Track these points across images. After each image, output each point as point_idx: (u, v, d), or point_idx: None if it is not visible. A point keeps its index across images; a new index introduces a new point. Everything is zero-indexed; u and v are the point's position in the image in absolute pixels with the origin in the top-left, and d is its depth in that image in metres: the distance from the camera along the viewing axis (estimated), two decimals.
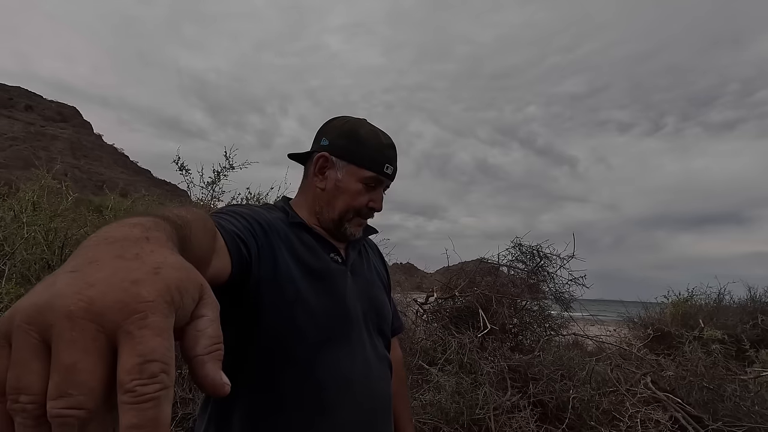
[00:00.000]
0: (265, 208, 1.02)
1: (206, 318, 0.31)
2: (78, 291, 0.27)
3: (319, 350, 0.89)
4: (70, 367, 0.25)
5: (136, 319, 0.26)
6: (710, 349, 3.93)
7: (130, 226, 0.37)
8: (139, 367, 0.25)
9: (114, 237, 0.34)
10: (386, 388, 1.04)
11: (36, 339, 0.26)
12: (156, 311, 0.27)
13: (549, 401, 3.16)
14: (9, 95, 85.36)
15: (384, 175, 1.02)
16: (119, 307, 0.26)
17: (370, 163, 1.01)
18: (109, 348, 0.26)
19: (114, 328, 0.26)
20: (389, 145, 1.04)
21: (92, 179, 68.70)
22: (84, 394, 0.25)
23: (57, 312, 0.26)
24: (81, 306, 0.26)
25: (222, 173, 4.31)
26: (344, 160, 1.01)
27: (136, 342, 0.26)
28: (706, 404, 3.27)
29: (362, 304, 1.02)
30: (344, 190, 1.01)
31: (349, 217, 1.02)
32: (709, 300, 6.44)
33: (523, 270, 4.51)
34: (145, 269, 0.29)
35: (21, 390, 0.25)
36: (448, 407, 2.82)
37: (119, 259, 0.30)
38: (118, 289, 0.27)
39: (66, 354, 0.25)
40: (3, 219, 3.01)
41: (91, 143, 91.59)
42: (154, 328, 0.27)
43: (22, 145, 71.27)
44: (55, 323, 0.25)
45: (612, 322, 6.55)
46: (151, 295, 0.28)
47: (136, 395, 0.25)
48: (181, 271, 0.31)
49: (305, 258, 0.95)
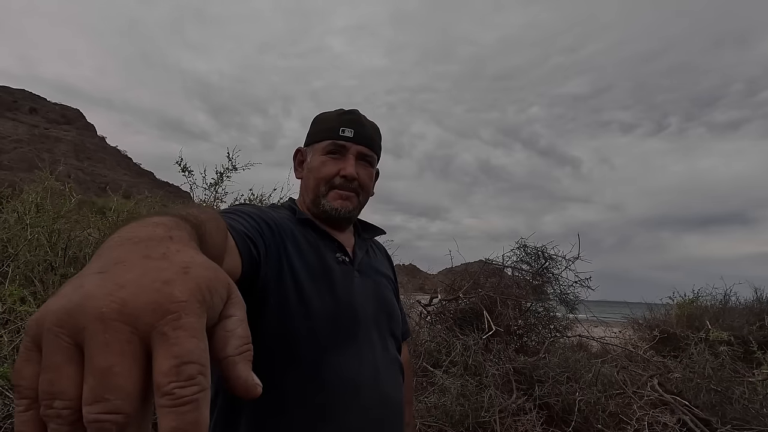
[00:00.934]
0: (272, 208, 1.01)
1: (235, 318, 0.31)
2: (109, 292, 0.26)
3: (324, 352, 0.88)
4: (105, 371, 0.24)
5: (170, 320, 0.26)
6: (717, 350, 3.89)
7: (153, 226, 0.36)
8: (176, 369, 0.24)
9: (139, 237, 0.33)
10: (396, 393, 1.00)
11: (68, 342, 0.25)
12: (189, 312, 0.27)
13: (555, 404, 3.14)
14: (13, 98, 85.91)
15: (342, 138, 1.01)
16: (152, 308, 0.26)
17: (326, 134, 1.03)
18: (143, 350, 0.25)
19: (148, 329, 0.25)
20: (346, 112, 1.05)
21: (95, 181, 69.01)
22: (121, 398, 0.24)
23: (89, 314, 0.25)
24: (113, 308, 0.25)
25: (225, 174, 4.30)
26: (310, 145, 1.06)
27: (171, 343, 0.25)
28: (714, 407, 3.23)
29: (371, 304, 1.00)
30: (312, 168, 1.03)
31: (323, 192, 1.01)
32: (714, 301, 6.38)
33: (528, 271, 4.48)
34: (174, 269, 0.29)
35: (55, 395, 0.24)
36: (453, 410, 2.80)
37: (147, 259, 0.30)
38: (150, 289, 0.27)
39: (100, 357, 0.24)
40: (7, 221, 3.01)
41: (95, 145, 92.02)
42: (189, 329, 0.26)
43: (26, 147, 71.69)
44: (87, 326, 0.25)
45: (616, 323, 6.50)
46: (183, 295, 0.27)
47: (175, 398, 0.24)
48: (210, 270, 0.31)
49: (311, 257, 0.93)
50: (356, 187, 1.02)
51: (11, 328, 2.18)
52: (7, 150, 69.81)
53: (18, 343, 2.12)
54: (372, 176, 1.08)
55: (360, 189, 1.03)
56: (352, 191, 1.02)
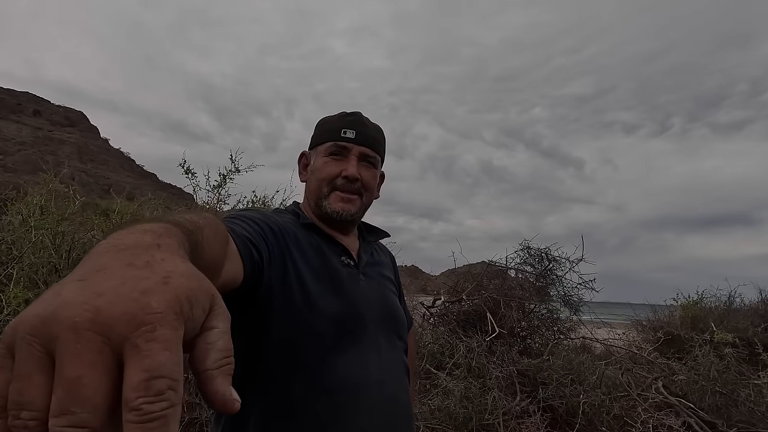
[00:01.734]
0: (276, 212, 1.01)
1: (217, 330, 0.30)
2: (85, 300, 0.25)
3: (329, 355, 0.87)
4: (73, 382, 0.23)
5: (144, 331, 0.25)
6: (722, 352, 3.87)
7: (141, 233, 0.35)
8: (145, 383, 0.24)
9: (124, 244, 0.32)
10: (403, 395, 0.99)
11: (40, 351, 0.24)
12: (165, 323, 0.26)
13: (559, 406, 3.12)
14: (17, 100, 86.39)
15: (344, 140, 1.01)
16: (126, 319, 0.25)
17: (328, 135, 1.03)
18: (115, 362, 0.25)
19: (121, 340, 0.25)
20: (348, 114, 1.06)
21: (99, 183, 69.29)
22: (88, 411, 0.23)
23: (62, 323, 0.24)
24: (87, 317, 0.25)
25: (228, 176, 4.30)
26: (313, 148, 1.07)
27: (143, 356, 0.24)
28: (719, 409, 3.21)
29: (377, 307, 1.00)
30: (314, 170, 1.04)
31: (325, 193, 1.01)
32: (719, 303, 6.34)
33: (532, 273, 4.47)
34: (154, 278, 0.28)
35: (23, 405, 0.24)
36: (457, 412, 2.79)
37: (129, 267, 0.29)
38: (127, 299, 0.26)
39: (70, 367, 0.24)
40: (11, 223, 3.02)
41: (98, 147, 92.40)
42: (163, 342, 0.25)
43: (30, 149, 72.05)
44: (59, 335, 0.24)
45: (620, 324, 6.46)
46: (160, 306, 0.26)
47: (142, 413, 0.23)
48: (192, 280, 0.30)
49: (315, 261, 0.93)
50: (359, 188, 1.01)
51: None
52: (11, 152, 70.18)
53: None
54: (375, 177, 1.07)
55: (363, 190, 1.02)
56: (355, 193, 1.01)
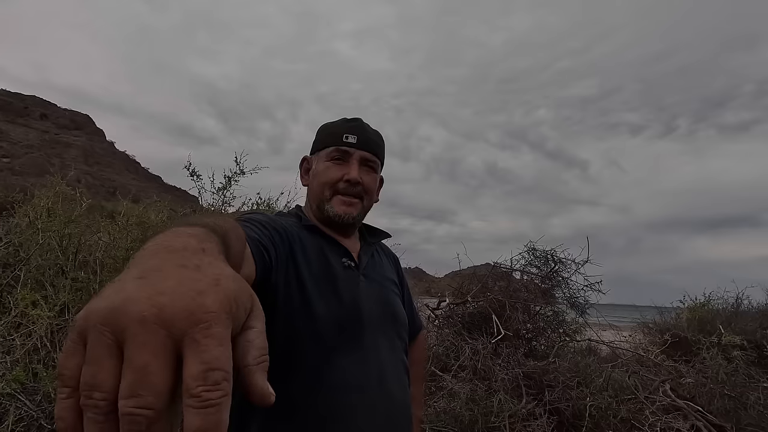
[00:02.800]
0: (279, 215, 1.04)
1: (255, 329, 0.33)
2: (148, 297, 0.29)
3: (330, 355, 0.89)
4: (141, 369, 0.27)
5: (202, 328, 0.28)
6: (730, 355, 3.83)
7: (186, 236, 0.40)
8: (203, 374, 0.27)
9: (174, 246, 0.37)
10: (403, 395, 1.01)
11: (110, 340, 0.28)
12: (219, 322, 0.29)
13: (565, 409, 3.10)
14: (25, 104, 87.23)
15: (346, 144, 1.04)
16: (186, 316, 0.28)
17: (330, 140, 1.05)
18: (174, 353, 0.28)
19: (181, 335, 0.28)
20: (350, 120, 1.08)
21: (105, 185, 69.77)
22: (153, 395, 0.27)
23: (131, 316, 0.28)
24: (153, 312, 0.28)
25: (233, 179, 4.32)
26: (315, 152, 1.09)
27: (201, 350, 0.28)
28: (728, 413, 3.18)
29: (377, 308, 1.02)
30: (316, 174, 1.06)
31: (327, 196, 1.03)
32: (726, 305, 6.28)
33: (537, 275, 4.45)
34: (207, 280, 0.32)
35: (95, 387, 0.27)
36: (463, 415, 2.77)
37: (182, 268, 0.33)
38: (186, 298, 0.29)
39: (138, 356, 0.27)
40: (18, 225, 3.04)
41: (104, 150, 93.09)
42: (217, 338, 0.28)
43: (37, 152, 72.71)
44: (128, 326, 0.28)
45: (626, 327, 6.42)
46: (214, 306, 0.30)
47: (202, 400, 0.27)
48: (236, 282, 0.33)
49: (317, 263, 0.95)
50: (360, 191, 1.04)
51: (23, 332, 2.20)
52: (18, 155, 70.84)
53: (30, 346, 2.13)
54: (376, 181, 1.10)
55: (364, 194, 1.05)
56: (356, 196, 1.04)
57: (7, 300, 2.44)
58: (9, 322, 2.25)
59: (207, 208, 4.33)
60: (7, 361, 2.04)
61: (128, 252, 3.16)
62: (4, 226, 3.11)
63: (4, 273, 2.69)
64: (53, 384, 1.93)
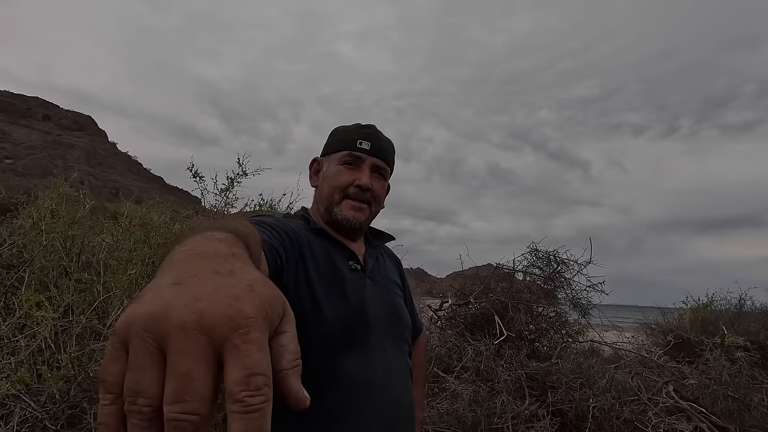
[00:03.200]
0: (287, 218, 1.05)
1: (288, 334, 0.34)
2: (187, 303, 0.29)
3: (337, 357, 0.90)
4: (185, 375, 0.27)
5: (241, 333, 0.29)
6: (734, 356, 3.81)
7: (216, 242, 0.40)
8: (246, 379, 0.27)
9: (206, 252, 0.37)
10: (407, 397, 1.03)
11: (153, 346, 0.28)
12: (257, 327, 0.30)
13: (568, 410, 3.09)
14: (27, 105, 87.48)
15: (359, 150, 1.04)
16: (225, 322, 0.29)
17: (343, 144, 1.06)
18: (215, 358, 0.28)
19: (221, 340, 0.28)
20: (364, 126, 1.09)
21: (107, 186, 69.91)
22: (198, 400, 0.27)
23: (172, 322, 0.28)
24: (193, 318, 0.28)
25: (235, 180, 4.32)
26: (327, 155, 1.09)
27: (242, 355, 0.28)
28: (732, 414, 3.17)
29: (383, 311, 1.03)
30: (327, 177, 1.06)
31: (337, 200, 1.04)
32: (729, 305, 6.26)
33: (540, 276, 4.44)
34: (242, 286, 0.32)
35: (139, 393, 0.27)
36: (466, 416, 2.77)
37: (216, 274, 0.33)
38: (223, 304, 0.30)
39: (181, 362, 0.27)
40: (22, 227, 3.05)
41: (106, 151, 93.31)
42: (257, 343, 0.29)
43: (39, 153, 72.91)
44: (170, 332, 0.28)
45: (629, 328, 6.40)
46: (252, 312, 0.30)
47: (245, 405, 0.27)
48: (269, 288, 0.34)
49: (325, 265, 0.96)
50: (369, 197, 1.05)
51: (28, 333, 2.21)
52: (21, 156, 71.05)
53: (34, 348, 2.14)
54: (384, 188, 1.11)
55: (372, 200, 1.06)
56: (365, 202, 1.05)
57: (12, 301, 2.45)
58: (13, 324, 2.26)
59: (210, 209, 4.33)
60: (12, 362, 2.04)
61: (131, 253, 3.16)
62: (8, 228, 3.12)
63: (8, 274, 2.70)
64: (57, 385, 1.93)
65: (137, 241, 3.26)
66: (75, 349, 2.08)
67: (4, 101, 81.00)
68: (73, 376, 2.02)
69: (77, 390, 2.03)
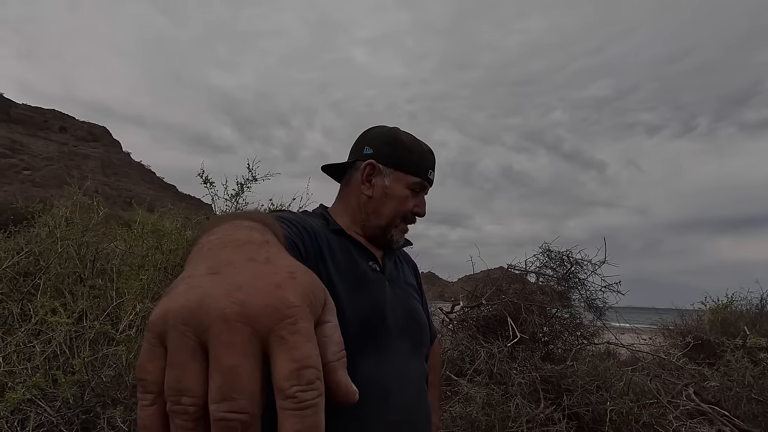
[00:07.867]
0: (306, 215, 1.03)
1: (331, 324, 0.31)
2: (227, 293, 0.27)
3: (355, 357, 0.89)
4: (231, 371, 0.25)
5: (288, 324, 0.26)
6: (757, 358, 3.70)
7: (248, 229, 0.38)
8: (296, 372, 0.25)
9: (239, 239, 0.35)
10: (424, 400, 1.01)
11: (193, 340, 0.26)
12: (303, 316, 0.27)
13: (585, 414, 3.03)
14: (44, 117, 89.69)
15: (428, 181, 1.06)
16: (270, 311, 0.26)
17: (416, 169, 1.04)
18: (261, 351, 0.26)
19: (266, 331, 0.26)
20: (430, 151, 1.09)
21: (121, 195, 71.16)
22: (246, 398, 0.25)
23: (212, 314, 0.26)
24: (235, 309, 0.26)
25: (245, 185, 4.35)
26: (391, 167, 1.03)
27: (290, 347, 0.26)
28: (756, 417, 3.07)
29: (401, 313, 1.02)
30: (392, 196, 1.03)
31: (397, 223, 1.04)
32: (750, 306, 6.09)
33: (553, 277, 4.37)
34: (282, 273, 0.30)
35: (182, 392, 0.25)
36: (479, 420, 2.73)
37: (253, 262, 0.31)
38: (265, 292, 0.27)
39: (226, 357, 0.25)
40: (38, 235, 3.11)
41: (120, 161, 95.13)
42: (305, 334, 0.27)
43: (56, 164, 74.63)
44: (211, 325, 0.26)
45: (646, 330, 6.26)
46: (297, 300, 0.28)
47: (298, 401, 0.25)
48: (309, 275, 0.31)
49: (344, 265, 0.95)
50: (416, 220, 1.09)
51: (43, 339, 2.24)
52: (38, 167, 72.79)
53: (49, 353, 2.17)
54: None
55: None
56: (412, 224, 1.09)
57: (28, 308, 2.49)
58: (29, 330, 2.29)
59: (220, 215, 4.37)
60: (28, 367, 2.07)
61: (143, 259, 3.20)
62: (25, 237, 3.18)
63: (24, 281, 2.75)
64: (71, 390, 1.95)
65: (149, 248, 3.30)
66: (88, 354, 2.10)
67: (22, 114, 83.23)
68: (87, 381, 2.04)
69: (91, 395, 2.04)
